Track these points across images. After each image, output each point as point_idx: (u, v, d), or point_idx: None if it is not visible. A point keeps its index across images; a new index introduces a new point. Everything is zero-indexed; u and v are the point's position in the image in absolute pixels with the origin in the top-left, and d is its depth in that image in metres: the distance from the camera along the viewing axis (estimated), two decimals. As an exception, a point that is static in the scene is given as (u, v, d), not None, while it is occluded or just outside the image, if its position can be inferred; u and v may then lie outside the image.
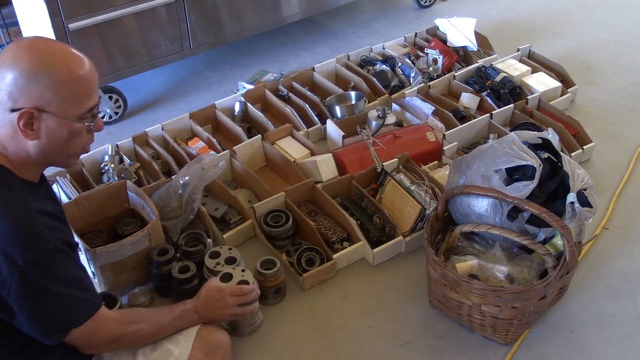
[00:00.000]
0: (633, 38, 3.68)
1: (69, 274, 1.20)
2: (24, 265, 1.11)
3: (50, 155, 1.25)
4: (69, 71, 1.19)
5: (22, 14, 2.97)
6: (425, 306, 2.03)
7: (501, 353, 1.88)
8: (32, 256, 1.12)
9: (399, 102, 2.89)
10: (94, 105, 1.25)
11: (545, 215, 1.71)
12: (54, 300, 1.17)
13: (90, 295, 1.25)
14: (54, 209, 1.24)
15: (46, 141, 1.21)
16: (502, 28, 3.83)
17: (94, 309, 1.25)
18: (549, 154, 1.90)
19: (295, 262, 2.12)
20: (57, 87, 1.17)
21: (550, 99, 2.92)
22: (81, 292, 1.22)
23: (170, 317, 1.47)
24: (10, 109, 1.17)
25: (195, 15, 2.99)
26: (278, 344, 1.92)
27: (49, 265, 1.15)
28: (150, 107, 3.13)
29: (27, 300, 1.15)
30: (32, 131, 1.19)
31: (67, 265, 1.19)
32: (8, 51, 1.18)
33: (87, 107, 1.23)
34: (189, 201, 2.16)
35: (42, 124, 1.19)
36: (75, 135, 1.24)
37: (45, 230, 1.16)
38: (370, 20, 3.96)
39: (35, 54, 1.17)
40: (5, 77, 1.16)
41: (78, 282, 1.22)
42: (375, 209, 2.24)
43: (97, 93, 1.27)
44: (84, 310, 1.23)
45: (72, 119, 1.21)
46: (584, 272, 2.13)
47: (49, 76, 1.16)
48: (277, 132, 2.65)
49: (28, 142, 1.21)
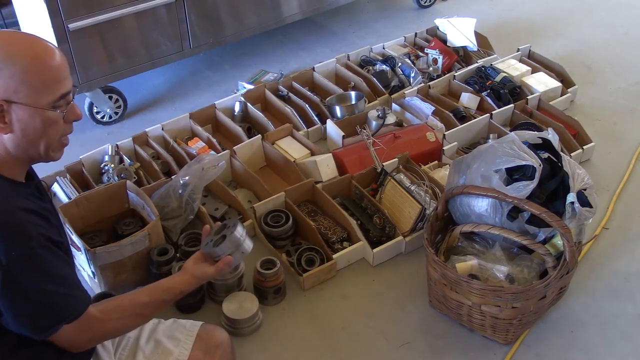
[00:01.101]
0: (633, 38, 3.68)
1: (55, 271, 1.17)
2: (8, 264, 1.10)
3: (29, 149, 1.21)
4: (33, 58, 1.15)
5: (22, 14, 2.97)
6: (425, 306, 2.03)
7: (501, 353, 1.88)
8: (15, 254, 1.10)
9: (399, 102, 2.89)
10: (65, 92, 1.20)
11: (545, 215, 1.71)
12: (41, 297, 1.15)
13: (78, 292, 1.22)
14: (38, 206, 1.21)
15: (20, 134, 1.18)
16: (502, 28, 3.83)
17: (83, 306, 1.22)
18: (549, 154, 1.90)
19: (295, 262, 2.12)
20: (22, 75, 1.14)
21: (550, 99, 2.92)
22: (68, 289, 1.20)
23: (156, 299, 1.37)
24: None
25: (195, 15, 2.99)
26: (278, 344, 1.92)
27: (33, 262, 1.13)
28: (150, 107, 3.13)
29: (13, 298, 1.13)
30: (4, 124, 1.16)
31: (52, 262, 1.16)
32: None
33: (58, 95, 1.18)
34: (189, 201, 2.16)
35: (13, 115, 1.16)
36: (50, 125, 1.20)
37: (28, 227, 1.13)
38: (370, 20, 3.96)
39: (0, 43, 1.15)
40: None
41: (64, 279, 1.19)
42: (375, 209, 2.24)
43: (69, 80, 1.21)
44: (73, 307, 1.20)
45: (43, 107, 1.17)
46: (584, 272, 2.13)
47: (12, 65, 1.13)
48: (277, 132, 2.65)
49: (3, 137, 1.18)
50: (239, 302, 1.95)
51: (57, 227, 1.24)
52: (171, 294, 1.39)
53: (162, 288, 1.39)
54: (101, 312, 1.27)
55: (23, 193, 1.22)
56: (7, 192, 1.18)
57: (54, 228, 1.22)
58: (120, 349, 1.47)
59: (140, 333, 1.50)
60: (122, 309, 1.32)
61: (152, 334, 1.50)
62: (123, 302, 1.33)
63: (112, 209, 2.19)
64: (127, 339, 1.49)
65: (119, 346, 1.47)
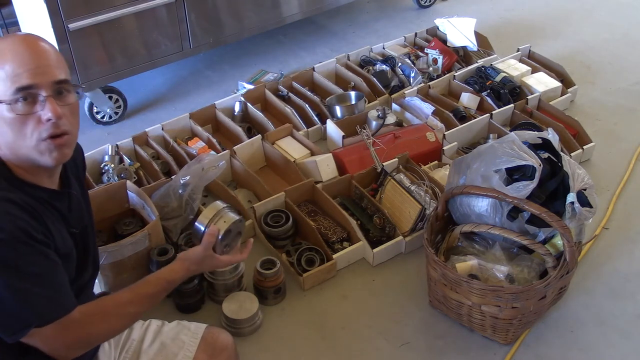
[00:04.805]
0: (633, 38, 3.68)
1: (28, 268, 1.09)
2: None
3: (12, 152, 1.14)
4: None
5: (22, 14, 2.97)
6: (425, 306, 2.03)
7: (501, 353, 1.88)
8: None
9: (399, 102, 2.89)
10: (21, 87, 1.09)
11: (545, 215, 1.71)
12: (10, 293, 1.07)
13: (56, 296, 1.13)
14: (31, 204, 1.14)
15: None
16: (502, 28, 3.83)
17: (61, 311, 1.13)
18: (549, 154, 1.90)
19: (295, 262, 2.12)
20: None
21: (550, 99, 2.92)
22: (44, 290, 1.11)
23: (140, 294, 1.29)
24: None
25: (195, 15, 2.99)
26: (278, 344, 1.92)
27: (5, 256, 1.06)
28: (150, 107, 3.13)
29: None
30: None
31: (30, 259, 1.09)
32: None
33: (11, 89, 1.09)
34: (189, 201, 2.16)
35: None
36: (13, 124, 1.10)
37: (5, 218, 1.06)
38: (370, 20, 3.96)
39: None
40: None
41: (41, 278, 1.10)
42: (375, 209, 2.24)
43: (33, 74, 1.10)
44: (48, 310, 1.12)
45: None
46: (584, 272, 2.13)
47: None
48: (277, 132, 2.65)
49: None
50: (239, 302, 1.95)
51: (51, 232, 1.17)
52: (157, 286, 1.31)
53: (147, 281, 1.31)
54: (83, 315, 1.18)
55: (29, 193, 1.16)
56: (4, 185, 1.13)
57: (43, 229, 1.14)
58: (124, 352, 1.45)
59: (145, 335, 1.48)
60: (104, 311, 1.23)
61: (157, 336, 1.48)
62: (105, 303, 1.25)
63: (112, 209, 2.19)
64: (131, 341, 1.47)
65: (122, 349, 1.45)
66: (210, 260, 1.41)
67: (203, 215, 1.41)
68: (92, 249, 1.36)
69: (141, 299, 1.29)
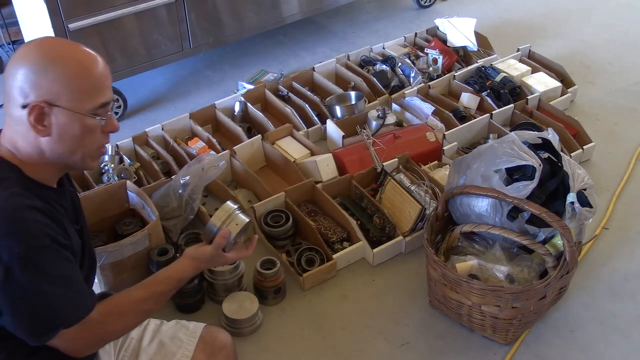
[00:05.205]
0: (633, 38, 3.68)
1: (58, 272, 1.15)
2: (9, 261, 1.08)
3: (64, 155, 1.21)
4: (77, 65, 1.17)
5: (22, 14, 2.97)
6: (425, 306, 2.03)
7: (501, 353, 1.88)
8: (17, 251, 1.08)
9: (399, 102, 2.89)
10: (106, 102, 1.21)
11: (545, 215, 1.71)
12: (41, 298, 1.13)
13: (80, 296, 1.19)
14: (51, 208, 1.20)
15: (57, 137, 1.18)
16: (502, 28, 3.83)
17: (84, 311, 1.19)
18: (549, 154, 1.90)
19: (295, 262, 2.12)
20: (66, 80, 1.15)
21: (550, 99, 2.92)
22: (70, 292, 1.17)
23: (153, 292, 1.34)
24: (22, 105, 1.15)
25: (195, 15, 2.99)
26: (278, 344, 1.92)
27: (36, 261, 1.11)
28: (150, 107, 3.13)
29: (12, 297, 1.11)
30: (43, 127, 1.17)
31: (56, 263, 1.14)
32: (19, 51, 1.18)
33: (98, 103, 1.20)
34: (189, 201, 2.16)
35: (53, 118, 1.16)
36: (88, 132, 1.20)
37: (33, 225, 1.11)
38: (370, 20, 3.96)
39: (43, 48, 1.17)
40: (16, 74, 1.15)
41: (67, 281, 1.16)
42: (375, 209, 2.24)
43: (110, 90, 1.23)
44: (73, 311, 1.17)
45: (84, 113, 1.18)
46: (584, 272, 2.13)
47: (57, 69, 1.15)
48: (277, 132, 2.65)
49: (40, 140, 1.18)
50: (239, 302, 1.95)
51: (68, 233, 1.22)
52: (169, 285, 1.36)
53: (159, 279, 1.36)
54: (101, 314, 1.24)
55: (41, 195, 1.20)
56: (18, 189, 1.16)
57: (63, 232, 1.20)
58: (123, 350, 1.45)
59: (143, 334, 1.49)
60: (121, 309, 1.29)
61: (155, 335, 1.49)
62: (120, 302, 1.30)
63: (112, 209, 2.19)
64: (130, 339, 1.47)
65: (121, 348, 1.46)
66: (218, 258, 1.45)
67: (216, 217, 1.45)
68: (88, 243, 1.38)
69: (155, 296, 1.34)
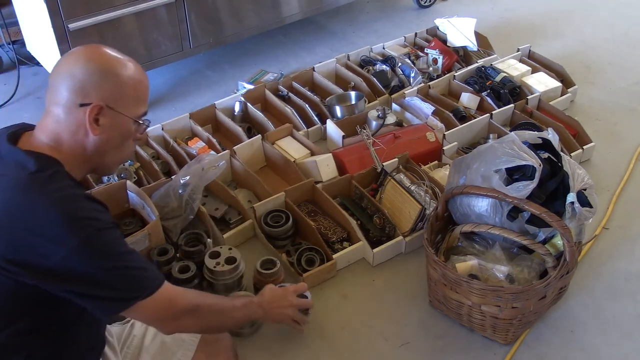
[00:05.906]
0: (633, 38, 3.68)
1: (124, 249, 1.22)
2: (80, 244, 1.12)
3: (101, 155, 1.28)
4: (132, 74, 1.28)
5: (22, 14, 2.97)
6: (425, 306, 2.03)
7: (501, 353, 1.88)
8: (84, 235, 1.13)
9: (399, 102, 2.89)
10: (145, 112, 1.34)
11: (545, 215, 1.71)
12: (114, 275, 1.18)
13: (150, 268, 1.26)
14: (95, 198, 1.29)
15: (105, 137, 1.26)
16: (502, 28, 3.83)
17: (159, 281, 1.25)
18: (549, 154, 1.90)
19: (295, 262, 2.12)
20: (123, 87, 1.26)
21: (550, 99, 2.92)
22: (140, 264, 1.23)
23: (239, 302, 1.49)
24: (80, 104, 1.21)
25: (195, 15, 2.99)
26: (278, 344, 1.92)
27: (103, 241, 1.16)
28: (150, 107, 3.09)
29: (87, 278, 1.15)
30: (97, 126, 1.24)
31: (120, 240, 1.22)
32: (73, 54, 1.27)
33: (142, 112, 1.32)
34: (189, 201, 2.16)
35: (107, 120, 1.24)
36: (128, 137, 1.31)
37: (93, 212, 1.19)
38: (370, 20, 3.96)
39: (105, 55, 1.29)
40: (75, 74, 1.22)
41: (134, 256, 1.23)
42: (375, 209, 2.24)
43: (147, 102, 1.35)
44: (149, 282, 1.23)
45: (133, 118, 1.29)
46: (584, 272, 2.13)
47: (117, 75, 1.25)
48: (277, 132, 2.65)
49: (88, 138, 1.24)
50: (239, 302, 1.95)
51: None
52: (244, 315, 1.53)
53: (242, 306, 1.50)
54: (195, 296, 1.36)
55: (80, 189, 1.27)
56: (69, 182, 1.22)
57: None
58: (126, 347, 1.47)
59: (146, 332, 1.51)
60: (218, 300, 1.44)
61: (157, 333, 1.50)
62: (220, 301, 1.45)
63: (112, 209, 2.16)
64: (132, 337, 1.49)
65: (124, 344, 1.48)
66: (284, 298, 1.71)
67: None
68: None
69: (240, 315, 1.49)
